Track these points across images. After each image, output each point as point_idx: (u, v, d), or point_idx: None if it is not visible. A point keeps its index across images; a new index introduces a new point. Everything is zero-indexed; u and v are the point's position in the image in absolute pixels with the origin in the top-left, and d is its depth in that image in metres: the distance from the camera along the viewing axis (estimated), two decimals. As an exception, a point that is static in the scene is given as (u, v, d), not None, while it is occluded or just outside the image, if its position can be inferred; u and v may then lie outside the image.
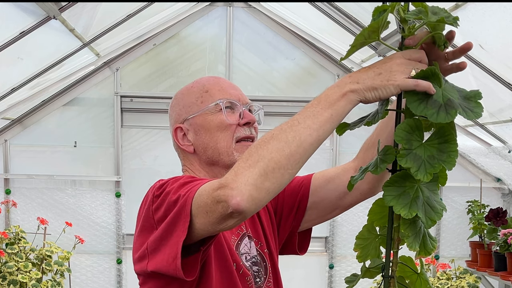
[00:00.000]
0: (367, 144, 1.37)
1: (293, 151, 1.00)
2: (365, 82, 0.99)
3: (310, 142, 1.01)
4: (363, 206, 1.45)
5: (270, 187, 1.00)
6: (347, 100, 1.00)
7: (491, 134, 3.27)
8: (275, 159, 1.00)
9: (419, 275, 1.05)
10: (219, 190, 1.01)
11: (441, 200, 0.99)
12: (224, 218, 1.03)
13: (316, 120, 1.01)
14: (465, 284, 3.28)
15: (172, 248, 1.10)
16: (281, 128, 1.03)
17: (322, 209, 1.43)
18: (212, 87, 1.34)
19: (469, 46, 1.01)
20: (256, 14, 3.69)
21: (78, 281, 3.71)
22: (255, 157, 1.01)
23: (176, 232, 1.10)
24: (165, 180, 1.22)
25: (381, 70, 0.99)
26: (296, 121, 1.02)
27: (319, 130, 1.01)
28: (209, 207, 1.04)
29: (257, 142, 1.04)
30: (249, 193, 0.99)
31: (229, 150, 1.31)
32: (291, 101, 3.75)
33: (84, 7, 2.81)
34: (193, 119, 1.33)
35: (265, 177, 0.99)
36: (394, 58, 0.99)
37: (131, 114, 3.71)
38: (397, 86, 0.97)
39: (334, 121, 1.02)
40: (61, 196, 3.68)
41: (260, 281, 1.36)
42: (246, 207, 0.99)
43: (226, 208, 1.00)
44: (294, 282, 3.83)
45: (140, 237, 1.21)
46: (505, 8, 2.11)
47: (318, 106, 1.02)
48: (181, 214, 1.09)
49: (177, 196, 1.12)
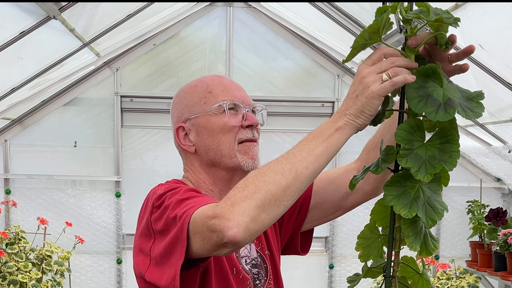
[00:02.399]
0: (370, 145, 1.36)
1: (289, 183, 1.01)
2: (351, 111, 1.01)
3: (306, 175, 1.03)
4: (364, 206, 1.45)
5: (265, 218, 1.01)
6: (341, 133, 1.02)
7: (491, 134, 3.27)
8: (271, 191, 1.01)
9: (420, 275, 1.05)
10: (214, 220, 1.02)
11: (443, 200, 0.99)
12: (219, 247, 1.05)
13: (312, 153, 1.03)
14: (465, 284, 3.28)
15: (171, 268, 1.12)
16: (278, 161, 1.04)
17: (325, 210, 1.42)
18: (216, 87, 1.32)
19: (471, 49, 1.02)
20: (256, 14, 3.69)
21: (78, 281, 3.71)
22: (251, 188, 1.02)
23: (175, 254, 1.12)
24: (164, 189, 1.22)
25: (356, 92, 1.01)
26: (292, 154, 1.04)
27: (315, 163, 1.02)
28: (204, 234, 1.05)
29: (253, 173, 1.05)
30: (246, 224, 1.00)
31: (232, 153, 1.30)
32: (291, 101, 3.75)
33: (84, 7, 2.81)
34: (196, 119, 1.31)
35: (262, 209, 1.00)
36: (359, 73, 1.01)
37: (131, 114, 3.71)
38: (377, 96, 0.98)
39: (330, 154, 1.03)
40: (61, 196, 3.68)
41: (260, 283, 1.36)
42: (242, 238, 1.00)
43: (221, 238, 1.01)
44: (294, 282, 3.82)
45: (140, 242, 1.23)
46: (505, 8, 2.10)
47: (314, 141, 1.04)
48: (179, 238, 1.11)
49: (174, 215, 1.13)
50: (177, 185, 1.26)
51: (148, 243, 1.20)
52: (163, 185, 1.25)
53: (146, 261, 1.20)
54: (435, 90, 0.93)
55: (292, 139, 3.79)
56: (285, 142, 3.77)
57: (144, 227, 1.22)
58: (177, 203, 1.15)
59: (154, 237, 1.18)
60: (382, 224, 1.05)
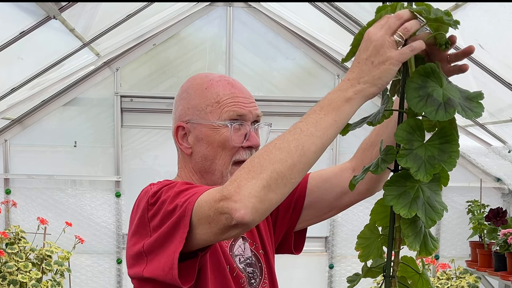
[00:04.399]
0: (365, 144, 1.35)
1: (296, 161, 0.99)
2: (366, 79, 0.98)
3: (314, 151, 1.00)
4: (363, 206, 1.46)
5: (273, 197, 1.00)
6: (352, 104, 0.99)
7: (491, 134, 3.27)
8: (277, 170, 0.99)
9: (420, 275, 1.05)
10: (222, 202, 1.01)
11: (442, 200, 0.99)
12: (228, 229, 1.03)
13: (320, 127, 0.99)
14: (465, 284, 3.28)
15: (168, 257, 1.10)
16: (284, 137, 1.02)
17: (319, 209, 1.41)
18: (226, 99, 1.27)
19: (471, 49, 1.01)
20: (256, 14, 3.69)
21: (78, 281, 3.71)
22: (257, 168, 1.00)
23: (174, 241, 1.10)
24: (157, 186, 1.20)
25: (371, 58, 0.97)
26: (299, 129, 1.01)
27: (322, 137, 1.00)
28: (211, 218, 1.04)
29: (259, 152, 1.03)
30: (253, 205, 0.99)
31: (225, 171, 1.28)
32: (291, 101, 3.75)
33: (84, 7, 2.81)
34: (198, 125, 1.28)
35: (269, 188, 0.99)
36: (370, 38, 0.97)
37: (131, 114, 3.71)
38: (396, 63, 0.95)
39: (338, 126, 1.00)
40: (61, 196, 3.68)
41: (255, 282, 1.35)
42: (251, 219, 0.99)
43: (230, 220, 1.00)
44: (294, 282, 3.83)
45: (134, 243, 1.20)
46: (505, 8, 2.10)
47: (321, 112, 1.00)
48: (180, 224, 1.09)
49: (174, 205, 1.11)
50: (171, 181, 1.24)
51: (142, 241, 1.18)
52: (155, 184, 1.24)
53: (142, 263, 1.18)
54: (435, 90, 0.93)
55: (292, 139, 3.79)
56: (285, 142, 3.77)
57: (138, 226, 1.19)
58: (175, 195, 1.13)
59: (150, 234, 1.16)
60: (382, 224, 1.05)
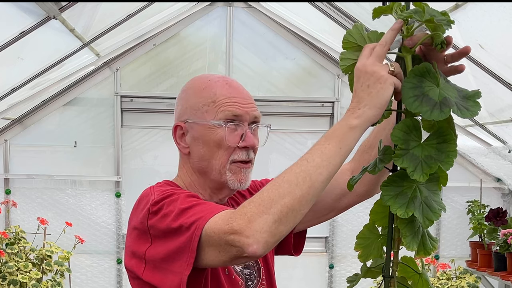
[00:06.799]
0: (364, 146, 1.36)
1: (304, 192, 1.01)
2: (365, 103, 1.00)
3: (321, 180, 1.02)
4: (363, 206, 1.45)
5: (283, 230, 1.02)
6: (355, 131, 1.01)
7: (491, 134, 3.27)
8: (287, 204, 1.01)
9: (420, 275, 1.05)
10: (232, 236, 1.03)
11: (441, 200, 0.99)
12: (237, 258, 1.07)
13: (325, 157, 1.01)
14: (465, 284, 3.27)
15: (176, 276, 1.12)
16: (291, 170, 1.04)
17: (318, 211, 1.41)
18: (222, 99, 1.27)
19: (467, 50, 1.02)
20: (256, 14, 3.69)
21: (78, 281, 3.71)
22: (267, 202, 1.02)
23: (180, 262, 1.12)
24: (159, 195, 1.20)
25: (366, 82, 1.00)
26: (305, 161, 1.03)
27: (328, 167, 1.02)
28: (222, 247, 1.07)
29: (268, 186, 1.05)
30: (265, 240, 1.01)
31: (222, 170, 1.28)
32: (291, 101, 3.75)
33: (84, 7, 2.81)
34: (194, 125, 1.29)
35: (279, 222, 1.01)
36: (362, 68, 1.00)
37: (131, 114, 3.71)
38: (391, 82, 0.98)
39: (343, 154, 1.02)
40: (61, 196, 3.68)
41: (252, 284, 1.35)
42: (262, 252, 1.03)
43: (242, 253, 1.03)
44: (294, 282, 3.83)
45: (133, 244, 1.22)
46: (505, 8, 2.10)
47: (326, 143, 1.03)
48: (187, 248, 1.10)
49: (179, 225, 1.12)
50: (172, 189, 1.24)
51: (142, 246, 1.19)
52: (156, 189, 1.24)
53: (140, 264, 1.19)
54: (431, 89, 0.93)
55: (292, 139, 3.79)
56: (285, 142, 3.78)
57: (138, 230, 1.20)
58: (180, 213, 1.14)
59: (151, 241, 1.17)
60: (381, 224, 1.05)
